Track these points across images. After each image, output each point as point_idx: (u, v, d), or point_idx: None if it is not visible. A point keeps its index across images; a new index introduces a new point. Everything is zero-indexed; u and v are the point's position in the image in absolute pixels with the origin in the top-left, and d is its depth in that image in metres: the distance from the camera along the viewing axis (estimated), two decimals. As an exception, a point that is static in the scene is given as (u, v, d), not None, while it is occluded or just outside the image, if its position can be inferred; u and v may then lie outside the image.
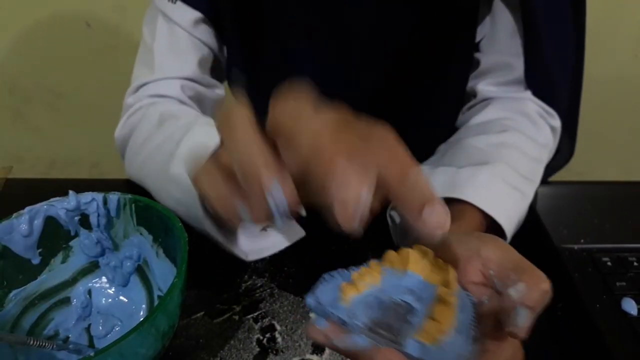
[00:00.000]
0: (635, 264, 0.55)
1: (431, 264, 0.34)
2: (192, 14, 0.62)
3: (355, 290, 0.33)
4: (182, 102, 0.62)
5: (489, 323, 0.31)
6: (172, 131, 0.51)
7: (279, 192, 0.28)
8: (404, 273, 0.34)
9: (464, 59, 0.65)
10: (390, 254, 0.34)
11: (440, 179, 0.51)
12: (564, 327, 0.49)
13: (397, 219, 0.54)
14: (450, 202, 0.49)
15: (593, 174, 1.61)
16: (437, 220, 0.27)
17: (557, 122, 0.61)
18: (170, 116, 0.54)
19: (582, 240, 0.58)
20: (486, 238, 0.33)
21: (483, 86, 0.63)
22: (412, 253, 0.34)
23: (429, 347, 0.29)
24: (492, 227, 0.49)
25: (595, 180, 0.73)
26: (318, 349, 0.47)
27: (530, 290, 0.28)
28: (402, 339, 0.30)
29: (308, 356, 0.46)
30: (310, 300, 0.33)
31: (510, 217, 0.49)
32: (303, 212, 0.54)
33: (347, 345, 0.31)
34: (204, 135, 0.47)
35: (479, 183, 0.49)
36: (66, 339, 0.46)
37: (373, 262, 0.34)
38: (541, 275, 0.29)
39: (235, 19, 0.64)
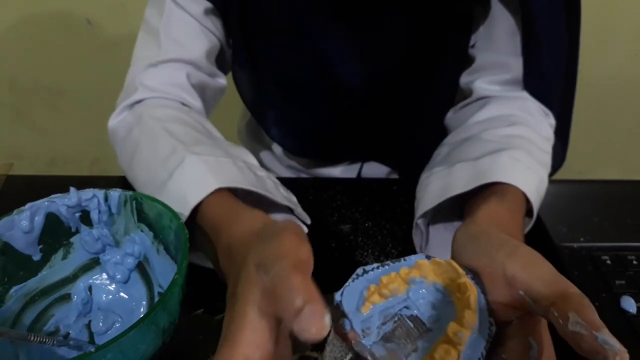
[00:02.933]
0: (634, 262, 0.55)
1: (459, 283, 0.33)
2: (202, 4, 0.62)
3: (379, 297, 0.33)
4: (185, 94, 0.61)
5: (517, 346, 0.32)
6: (166, 154, 0.50)
7: None
8: (432, 285, 0.34)
9: (457, 61, 0.65)
10: (422, 263, 0.34)
11: (462, 174, 0.51)
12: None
13: (423, 228, 0.54)
14: (479, 191, 0.48)
15: (593, 173, 1.62)
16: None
17: (553, 121, 0.61)
18: (165, 132, 0.53)
19: (581, 239, 0.58)
20: (516, 251, 0.32)
21: (480, 84, 0.63)
22: (445, 267, 0.34)
23: None
24: None
25: (594, 179, 0.73)
26: (318, 346, 0.47)
27: (585, 313, 0.27)
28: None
29: (308, 353, 0.46)
30: (337, 298, 0.33)
31: (535, 196, 0.49)
32: (308, 221, 0.54)
33: (360, 351, 0.32)
34: (192, 179, 0.47)
35: (502, 166, 0.49)
36: (67, 335, 0.47)
37: (403, 269, 0.34)
38: (574, 290, 0.29)
39: (241, 14, 0.64)
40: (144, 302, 0.48)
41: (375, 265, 0.35)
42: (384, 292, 0.33)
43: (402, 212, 0.55)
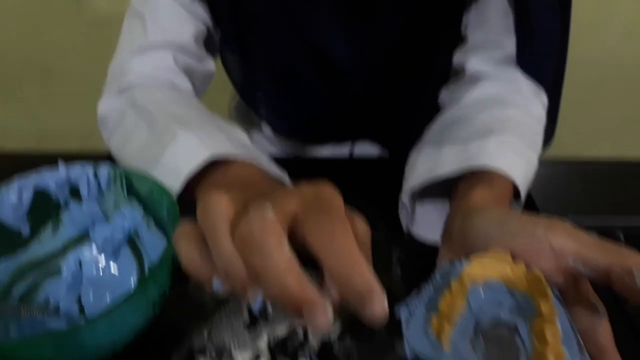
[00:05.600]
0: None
1: (511, 269, 0.33)
2: None
3: (448, 326, 0.31)
4: (174, 77, 0.61)
5: (585, 312, 0.32)
6: (160, 132, 0.50)
7: (258, 301, 0.27)
8: (486, 284, 0.33)
9: (450, 42, 0.65)
10: (469, 270, 0.33)
11: (449, 156, 0.51)
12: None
13: (408, 205, 0.54)
14: (467, 173, 0.48)
15: (584, 152, 1.62)
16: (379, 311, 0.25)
17: (545, 99, 0.61)
18: (159, 113, 0.53)
19: (569, 216, 0.59)
20: (553, 224, 0.33)
21: (473, 63, 0.63)
22: (490, 260, 0.33)
23: None
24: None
25: (585, 157, 0.74)
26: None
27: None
28: None
29: (298, 323, 0.47)
30: (408, 353, 0.31)
31: (523, 181, 0.49)
32: None
33: None
34: (184, 151, 0.46)
35: (491, 150, 0.49)
36: (57, 309, 0.47)
37: (454, 284, 0.32)
38: (626, 250, 0.30)
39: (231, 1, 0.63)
40: (134, 276, 0.48)
41: (414, 299, 0.33)
42: (450, 315, 0.31)
43: (394, 192, 0.55)
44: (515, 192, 0.49)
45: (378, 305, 0.25)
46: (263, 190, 0.35)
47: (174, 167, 0.46)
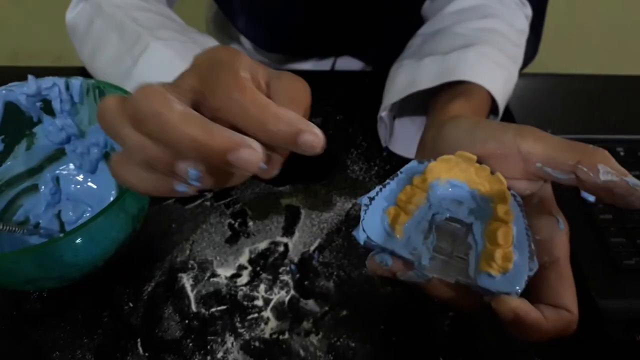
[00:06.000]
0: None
1: (475, 170, 0.33)
2: None
3: (405, 216, 0.32)
4: None
5: (546, 224, 0.33)
6: (130, 42, 0.48)
7: (191, 174, 0.25)
8: (450, 184, 0.33)
9: None
10: (432, 166, 0.33)
11: (430, 69, 0.50)
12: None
13: (387, 120, 0.54)
14: (446, 86, 0.48)
15: (567, 71, 1.61)
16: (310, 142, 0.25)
17: (529, 12, 0.60)
18: (128, 19, 0.50)
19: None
20: (522, 129, 0.33)
21: None
22: (456, 161, 0.33)
23: (499, 278, 0.29)
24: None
25: (565, 73, 0.73)
26: (288, 232, 0.48)
27: (611, 163, 0.29)
28: (469, 270, 0.30)
29: (278, 239, 0.48)
30: (361, 237, 0.32)
31: (502, 93, 0.49)
32: None
33: (409, 278, 0.32)
34: (158, 64, 0.45)
35: (470, 63, 0.48)
36: (37, 225, 0.47)
37: (416, 178, 0.33)
38: (593, 147, 0.30)
39: None
40: (113, 192, 0.48)
41: (377, 189, 0.33)
42: (410, 207, 0.32)
43: (374, 105, 0.54)
44: (494, 105, 0.49)
45: (307, 133, 0.25)
46: None
47: (147, 80, 0.44)
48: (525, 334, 0.29)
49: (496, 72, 0.49)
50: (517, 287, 0.29)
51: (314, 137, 0.25)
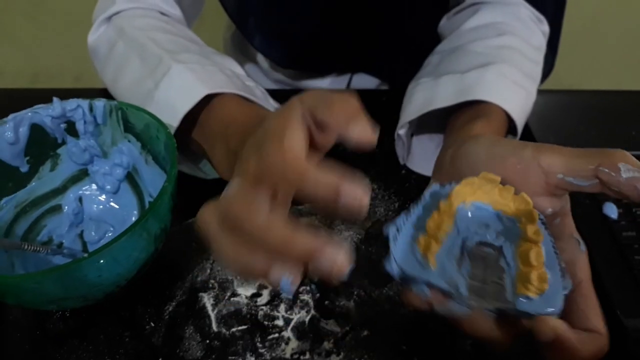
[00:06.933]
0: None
1: (499, 191, 0.32)
2: None
3: (436, 244, 0.31)
4: (161, 2, 0.59)
5: (568, 245, 0.33)
6: (152, 64, 0.49)
7: (284, 282, 0.27)
8: (474, 206, 0.33)
9: None
10: (458, 189, 0.32)
11: (448, 87, 0.50)
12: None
13: (404, 138, 0.54)
14: (464, 106, 0.48)
15: (583, 86, 1.61)
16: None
17: (546, 28, 0.60)
18: (150, 41, 0.51)
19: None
20: (540, 145, 0.33)
21: None
22: (479, 183, 0.33)
23: (537, 300, 0.29)
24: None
25: (583, 89, 0.73)
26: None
27: (630, 161, 0.29)
28: (507, 294, 0.30)
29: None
30: (394, 270, 0.31)
31: (520, 113, 0.49)
32: None
33: (448, 310, 0.31)
34: (179, 87, 0.46)
35: (488, 82, 0.48)
36: (60, 245, 0.47)
37: (442, 203, 0.32)
38: (610, 149, 0.30)
39: None
40: (135, 212, 0.48)
41: (402, 217, 0.33)
42: (440, 235, 0.31)
43: (392, 123, 0.54)
44: (512, 124, 0.49)
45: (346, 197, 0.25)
46: (245, 132, 0.36)
47: (169, 103, 0.45)
48: (562, 357, 0.29)
49: (514, 92, 0.49)
50: (556, 307, 0.29)
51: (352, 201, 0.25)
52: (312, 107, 0.28)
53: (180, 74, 0.46)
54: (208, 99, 0.45)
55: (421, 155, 0.56)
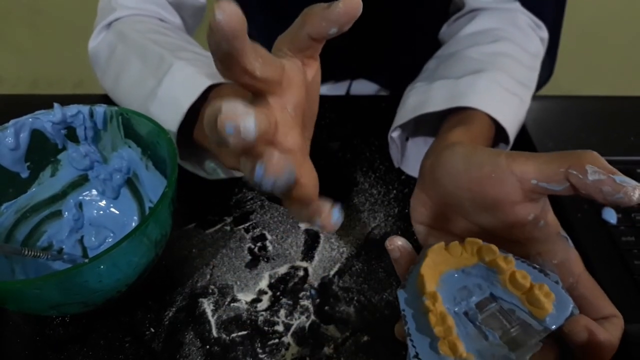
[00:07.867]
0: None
1: (463, 249, 0.32)
2: None
3: (459, 341, 0.29)
4: (161, 9, 0.59)
5: (557, 245, 0.33)
6: (154, 63, 0.49)
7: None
8: (444, 280, 0.32)
9: None
10: (426, 281, 0.31)
11: (440, 92, 0.51)
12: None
13: (398, 141, 0.54)
14: (454, 111, 0.48)
15: (582, 92, 1.61)
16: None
17: (545, 34, 0.60)
18: (150, 41, 0.52)
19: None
20: (513, 153, 0.33)
21: None
22: (433, 255, 0.33)
23: (554, 311, 0.29)
24: (495, 132, 0.50)
25: (582, 94, 0.73)
26: (308, 256, 0.48)
27: (599, 163, 0.29)
28: (533, 325, 0.30)
29: (298, 263, 0.48)
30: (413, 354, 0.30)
31: (512, 121, 0.49)
32: None
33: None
34: (182, 81, 0.46)
35: (480, 89, 0.49)
36: (60, 250, 0.47)
37: (427, 303, 0.31)
38: (582, 150, 0.30)
39: None
40: (135, 217, 0.49)
41: (410, 346, 0.31)
42: (455, 333, 0.30)
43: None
44: (505, 133, 0.49)
45: None
46: None
47: (173, 98, 0.45)
48: (599, 355, 0.29)
49: (506, 100, 0.49)
50: (571, 302, 0.29)
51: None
52: (290, 40, 0.31)
53: (182, 69, 0.47)
54: (211, 93, 0.45)
55: (416, 158, 0.56)
